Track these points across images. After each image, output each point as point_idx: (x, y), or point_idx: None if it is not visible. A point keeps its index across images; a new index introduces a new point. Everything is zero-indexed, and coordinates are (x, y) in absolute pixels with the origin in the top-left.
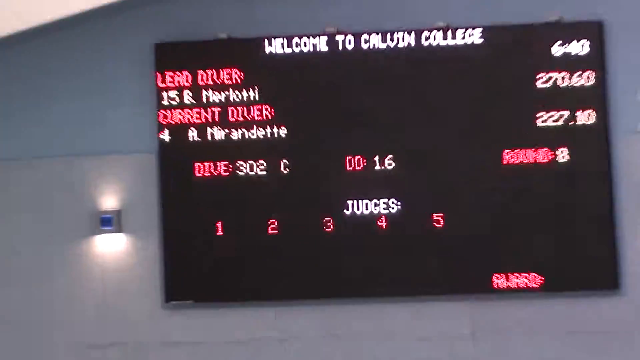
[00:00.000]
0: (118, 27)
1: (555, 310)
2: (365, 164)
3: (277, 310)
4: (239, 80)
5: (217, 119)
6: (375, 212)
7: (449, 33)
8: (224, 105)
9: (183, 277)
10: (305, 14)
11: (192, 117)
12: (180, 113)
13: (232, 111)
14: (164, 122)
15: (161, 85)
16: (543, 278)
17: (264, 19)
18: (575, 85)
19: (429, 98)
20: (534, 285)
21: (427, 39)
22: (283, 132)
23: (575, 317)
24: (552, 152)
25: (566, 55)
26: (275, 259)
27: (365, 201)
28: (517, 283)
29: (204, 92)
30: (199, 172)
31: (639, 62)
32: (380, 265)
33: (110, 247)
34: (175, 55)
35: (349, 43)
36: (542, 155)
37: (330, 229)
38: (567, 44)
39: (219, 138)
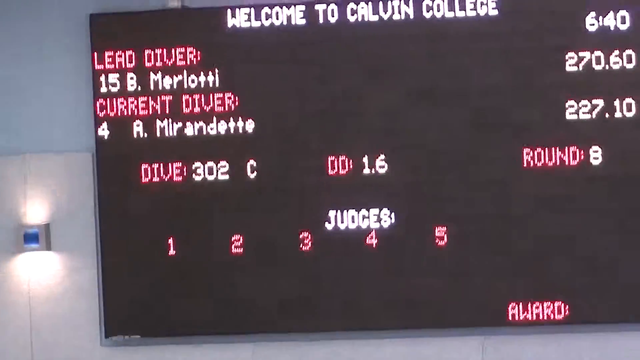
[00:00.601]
0: None
1: (582, 347)
2: (351, 166)
3: (241, 346)
4: (195, 62)
5: (168, 110)
6: (364, 226)
7: (457, 2)
8: (177, 92)
9: (127, 307)
10: None
11: (137, 107)
12: (122, 102)
13: (187, 100)
14: (103, 114)
15: (99, 67)
16: (569, 308)
17: None
18: (612, 67)
19: (432, 84)
20: (558, 316)
21: (429, 9)
22: (250, 126)
23: (607, 356)
24: (584, 152)
25: (602, 30)
26: (239, 285)
27: (351, 212)
28: (538, 314)
29: (151, 76)
30: (146, 176)
31: None
32: (370, 291)
33: (37, 268)
34: (115, 30)
35: (332, 14)
36: (571, 156)
37: (308, 248)
38: (602, 16)
39: (171, 134)
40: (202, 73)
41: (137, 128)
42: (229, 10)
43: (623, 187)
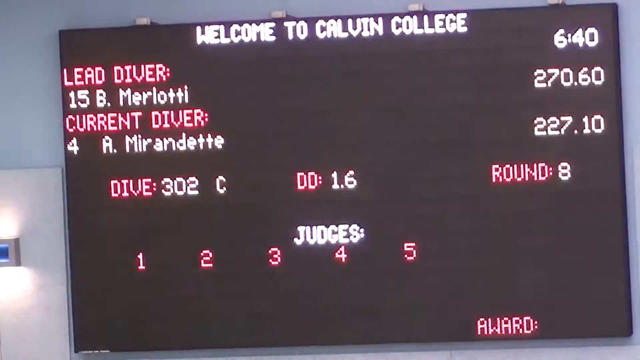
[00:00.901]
0: (13, 9)
1: None
2: (320, 182)
3: None
4: (164, 78)
5: (137, 126)
6: (333, 241)
7: (426, 19)
8: (146, 109)
9: (97, 322)
10: None
11: (106, 123)
12: (91, 118)
13: (156, 116)
14: (72, 130)
15: (68, 83)
16: (538, 323)
17: (195, 1)
18: (581, 84)
19: (401, 100)
20: (527, 331)
21: (398, 26)
22: (219, 142)
23: None
24: (552, 168)
25: (571, 47)
26: (209, 300)
27: (320, 228)
28: (506, 328)
29: (120, 93)
30: (116, 192)
31: None
32: (339, 305)
33: (7, 283)
34: (85, 46)
35: (301, 31)
36: (539, 172)
37: (277, 263)
38: (571, 33)
39: (140, 150)
40: (171, 89)
41: (107, 144)
42: (198, 27)
43: (592, 203)
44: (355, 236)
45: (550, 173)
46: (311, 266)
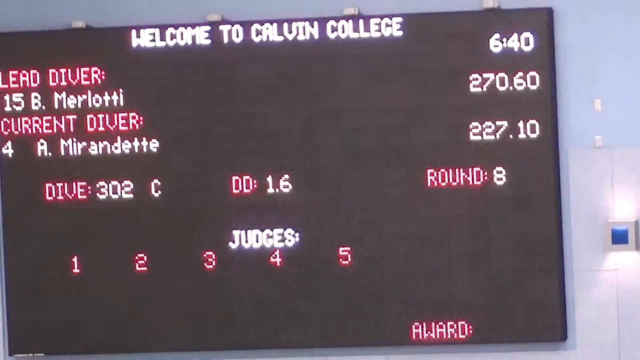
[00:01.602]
0: None
1: None
2: (255, 185)
3: None
4: (99, 81)
5: (72, 129)
6: (268, 245)
7: (361, 23)
8: (81, 112)
9: (31, 324)
10: None
11: (41, 126)
12: (26, 121)
13: (91, 119)
14: (7, 133)
15: (3, 86)
16: (472, 327)
17: (131, 4)
18: (516, 89)
19: (336, 104)
20: (461, 335)
21: (334, 30)
22: (154, 145)
23: None
24: (487, 172)
25: (506, 51)
26: (144, 302)
27: (255, 232)
28: (441, 333)
29: (55, 96)
30: (50, 195)
31: (596, 61)
32: (273, 310)
33: None
34: (20, 49)
35: (237, 35)
36: (474, 176)
37: (212, 266)
38: (506, 38)
39: (75, 153)
40: (106, 92)
41: (42, 147)
42: (133, 31)
43: (526, 207)
44: (290, 240)
45: (486, 177)
46: (246, 270)
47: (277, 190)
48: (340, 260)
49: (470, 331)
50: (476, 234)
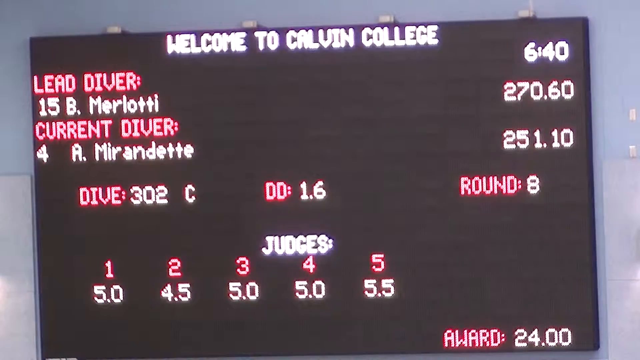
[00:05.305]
0: None
1: None
2: (289, 192)
3: None
4: (134, 87)
5: (107, 134)
6: (301, 251)
7: (397, 31)
8: (116, 117)
9: (65, 330)
10: (217, 5)
11: (76, 131)
12: (62, 126)
13: (126, 125)
14: (42, 138)
15: (38, 91)
16: (505, 335)
17: (166, 10)
18: (551, 98)
19: (371, 112)
20: (494, 343)
21: (369, 37)
22: (189, 151)
23: None
24: (521, 181)
25: (541, 60)
26: (177, 309)
27: (288, 238)
28: (474, 341)
29: (91, 101)
30: (85, 200)
31: (631, 71)
32: (307, 316)
33: None
34: (56, 54)
35: (272, 42)
36: (508, 185)
37: (245, 272)
38: (541, 47)
39: (110, 158)
40: (141, 98)
41: (76, 152)
42: (169, 36)
43: (560, 216)
44: (323, 247)
45: (519, 186)
46: (279, 276)
47: (310, 196)
48: (374, 267)
49: (503, 339)
50: (509, 243)
